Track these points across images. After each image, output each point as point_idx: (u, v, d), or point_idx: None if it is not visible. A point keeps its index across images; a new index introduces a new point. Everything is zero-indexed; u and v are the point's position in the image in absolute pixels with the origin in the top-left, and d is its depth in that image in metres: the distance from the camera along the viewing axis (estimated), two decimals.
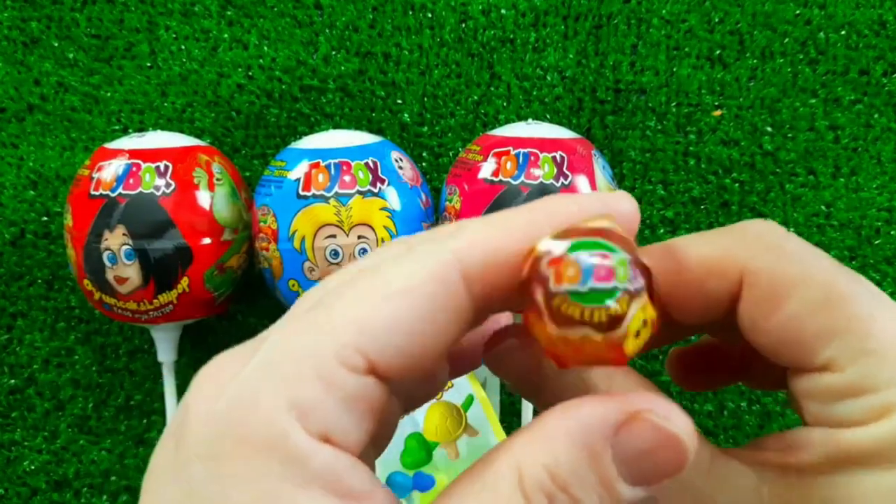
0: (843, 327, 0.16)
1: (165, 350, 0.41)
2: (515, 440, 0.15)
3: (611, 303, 0.13)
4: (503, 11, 0.46)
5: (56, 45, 0.47)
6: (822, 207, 0.44)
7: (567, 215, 0.16)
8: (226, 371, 0.15)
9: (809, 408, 0.17)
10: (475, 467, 0.15)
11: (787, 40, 0.45)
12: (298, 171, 0.37)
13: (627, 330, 0.13)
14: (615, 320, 0.13)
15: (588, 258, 0.13)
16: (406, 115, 0.46)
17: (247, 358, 0.15)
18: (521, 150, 0.38)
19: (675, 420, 0.15)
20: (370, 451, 0.18)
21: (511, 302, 0.16)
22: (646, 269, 0.13)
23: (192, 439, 0.14)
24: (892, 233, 0.44)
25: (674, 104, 0.45)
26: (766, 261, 0.18)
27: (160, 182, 0.38)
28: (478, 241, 0.16)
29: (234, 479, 0.14)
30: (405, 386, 0.17)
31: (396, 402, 0.18)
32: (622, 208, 0.16)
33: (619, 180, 0.45)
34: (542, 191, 0.36)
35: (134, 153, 0.38)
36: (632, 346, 0.13)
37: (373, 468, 0.19)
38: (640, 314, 0.13)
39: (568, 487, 0.15)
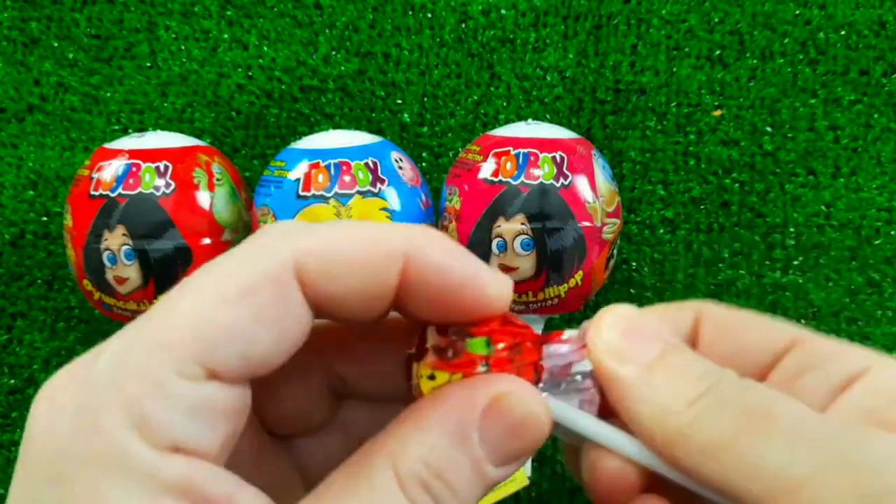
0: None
1: None
2: (389, 433, 0.16)
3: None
4: (503, 11, 0.46)
5: (56, 45, 0.47)
6: (822, 207, 0.44)
7: (407, 244, 0.16)
8: (64, 390, 0.15)
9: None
10: (352, 463, 0.16)
11: (787, 40, 0.45)
12: (298, 171, 0.37)
13: (416, 378, 0.18)
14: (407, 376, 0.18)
15: None
16: (406, 116, 0.46)
17: (84, 375, 0.15)
18: (521, 150, 0.37)
19: (529, 401, 0.16)
20: (243, 451, 0.18)
21: (350, 310, 0.16)
22: (423, 348, 0.18)
23: (34, 463, 0.14)
24: (892, 233, 0.44)
25: (674, 104, 0.45)
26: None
27: (160, 182, 0.37)
28: (322, 242, 0.16)
29: (83, 499, 0.14)
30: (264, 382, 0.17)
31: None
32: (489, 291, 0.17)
33: (619, 180, 0.45)
34: (542, 190, 0.36)
35: (134, 153, 0.38)
36: (424, 385, 0.18)
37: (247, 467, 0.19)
38: (422, 370, 0.17)
39: (442, 474, 0.15)
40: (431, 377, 0.17)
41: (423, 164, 0.46)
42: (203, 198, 0.38)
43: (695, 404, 0.16)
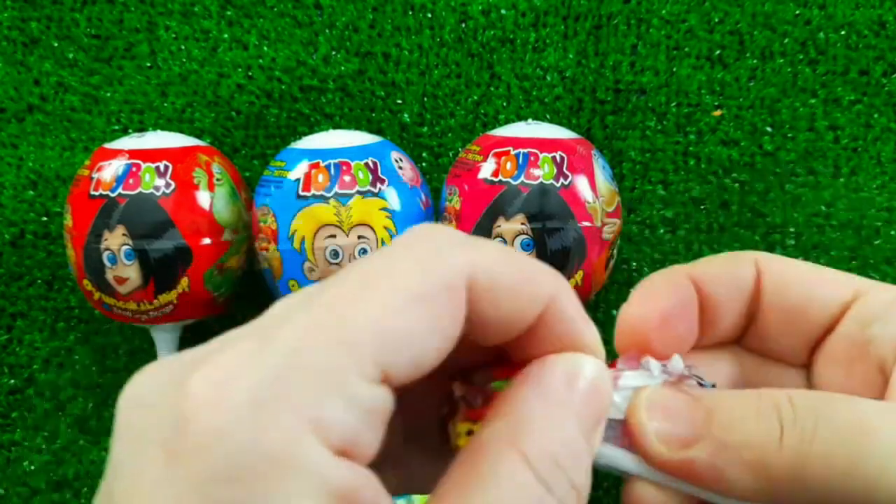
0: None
1: (165, 350, 0.41)
2: (500, 424, 0.16)
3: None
4: (503, 11, 0.46)
5: (56, 45, 0.47)
6: (822, 207, 0.44)
7: (563, 306, 0.17)
8: (233, 379, 0.14)
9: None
10: (470, 462, 0.15)
11: (787, 40, 0.45)
12: (298, 171, 0.37)
13: (454, 439, 0.18)
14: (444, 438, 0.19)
15: None
16: (406, 115, 0.46)
17: (256, 365, 0.14)
18: (521, 151, 0.37)
19: (596, 363, 0.17)
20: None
21: (485, 331, 0.16)
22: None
23: (202, 456, 0.13)
24: (892, 233, 0.44)
25: (674, 104, 0.45)
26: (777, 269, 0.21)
27: (160, 182, 0.38)
28: (494, 262, 0.16)
29: (257, 499, 0.13)
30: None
31: None
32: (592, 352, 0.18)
33: (619, 180, 0.45)
34: (542, 190, 0.36)
35: (134, 153, 0.38)
36: (463, 443, 0.18)
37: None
38: (459, 427, 0.18)
39: (567, 470, 0.16)
40: (470, 433, 0.17)
41: (423, 164, 0.46)
42: (203, 198, 0.38)
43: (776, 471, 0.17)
